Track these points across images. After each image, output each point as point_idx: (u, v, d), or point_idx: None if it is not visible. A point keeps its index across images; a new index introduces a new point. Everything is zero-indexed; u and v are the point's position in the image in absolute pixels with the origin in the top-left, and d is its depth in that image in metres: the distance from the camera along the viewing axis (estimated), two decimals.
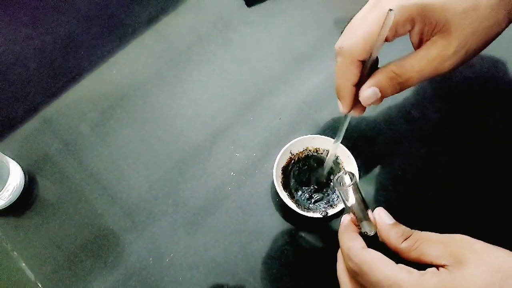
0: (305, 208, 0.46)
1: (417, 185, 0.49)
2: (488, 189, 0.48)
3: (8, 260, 0.46)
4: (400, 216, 0.34)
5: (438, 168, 0.50)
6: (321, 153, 0.48)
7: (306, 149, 0.48)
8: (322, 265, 0.41)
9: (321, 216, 0.44)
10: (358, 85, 0.34)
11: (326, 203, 0.46)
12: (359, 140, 0.51)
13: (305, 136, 0.47)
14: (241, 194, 0.49)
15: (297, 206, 0.44)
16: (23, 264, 0.46)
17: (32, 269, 0.46)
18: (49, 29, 0.58)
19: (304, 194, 0.47)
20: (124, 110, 0.54)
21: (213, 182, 0.49)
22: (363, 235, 0.31)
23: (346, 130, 0.38)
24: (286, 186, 0.47)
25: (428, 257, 0.28)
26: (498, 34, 0.33)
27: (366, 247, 0.30)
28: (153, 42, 0.58)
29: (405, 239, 0.30)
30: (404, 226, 0.31)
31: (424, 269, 0.28)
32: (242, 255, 0.46)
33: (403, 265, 0.28)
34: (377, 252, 0.29)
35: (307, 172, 0.48)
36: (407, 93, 0.54)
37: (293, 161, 0.48)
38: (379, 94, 0.33)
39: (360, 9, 0.34)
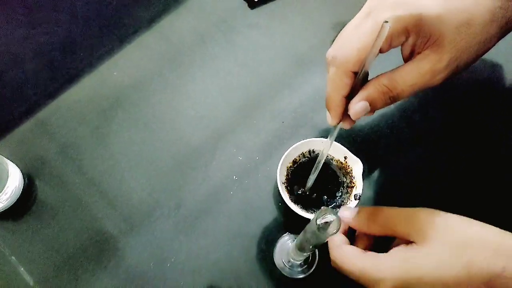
0: (309, 211, 0.46)
1: (420, 188, 0.49)
2: (492, 193, 0.48)
3: (6, 265, 0.45)
4: None
5: (440, 171, 0.50)
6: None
7: (309, 152, 0.48)
8: (326, 269, 0.41)
9: None
10: (348, 97, 0.34)
11: (330, 206, 0.46)
12: (363, 143, 0.51)
13: (308, 140, 0.47)
14: (244, 198, 0.48)
15: (301, 210, 0.44)
16: (22, 269, 0.45)
17: (31, 273, 0.45)
18: (47, 29, 0.58)
19: (307, 198, 0.47)
20: (125, 112, 0.53)
21: (216, 185, 0.49)
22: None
23: (351, 135, 0.38)
24: (289, 189, 0.47)
25: (399, 235, 0.33)
26: (488, 49, 0.34)
27: (344, 243, 0.36)
28: (155, 43, 0.57)
29: (374, 223, 0.34)
30: (364, 208, 0.36)
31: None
32: (245, 259, 0.45)
33: (369, 252, 0.33)
34: (348, 247, 0.35)
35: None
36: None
37: (296, 164, 0.48)
38: (369, 108, 0.33)
39: None
